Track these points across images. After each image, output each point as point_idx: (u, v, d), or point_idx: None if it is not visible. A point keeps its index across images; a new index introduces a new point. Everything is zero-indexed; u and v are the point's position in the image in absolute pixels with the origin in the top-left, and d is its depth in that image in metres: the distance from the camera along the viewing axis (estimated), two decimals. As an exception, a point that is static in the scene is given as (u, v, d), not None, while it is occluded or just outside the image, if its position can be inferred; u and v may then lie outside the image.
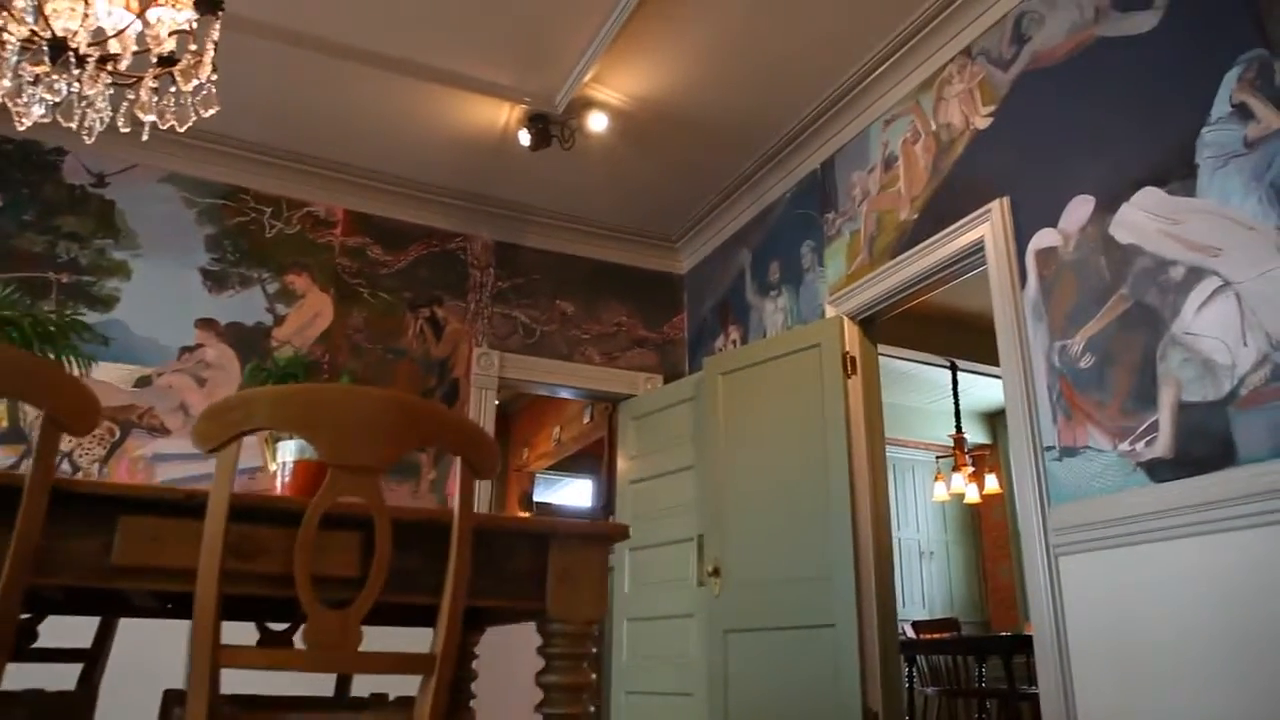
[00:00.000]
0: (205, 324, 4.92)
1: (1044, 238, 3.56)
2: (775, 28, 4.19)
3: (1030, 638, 5.95)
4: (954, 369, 6.75)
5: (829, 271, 4.74)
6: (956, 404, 6.82)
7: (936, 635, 6.16)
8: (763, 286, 5.29)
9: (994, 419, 8.69)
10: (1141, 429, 3.09)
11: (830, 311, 4.64)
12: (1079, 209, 3.43)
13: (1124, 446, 3.13)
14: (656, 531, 5.29)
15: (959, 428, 6.80)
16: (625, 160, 5.16)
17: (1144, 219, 3.18)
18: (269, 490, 2.15)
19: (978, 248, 3.86)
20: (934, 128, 4.19)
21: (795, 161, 5.06)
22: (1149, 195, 3.17)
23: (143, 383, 4.69)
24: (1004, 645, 5.91)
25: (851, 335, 4.52)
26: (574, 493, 9.43)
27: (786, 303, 5.06)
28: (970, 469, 6.70)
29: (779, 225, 5.23)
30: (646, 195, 5.57)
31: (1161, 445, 3.01)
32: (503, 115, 4.83)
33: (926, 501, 8.44)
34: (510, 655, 4.28)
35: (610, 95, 4.67)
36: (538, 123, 4.77)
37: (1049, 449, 3.39)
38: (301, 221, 5.27)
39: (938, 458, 7.72)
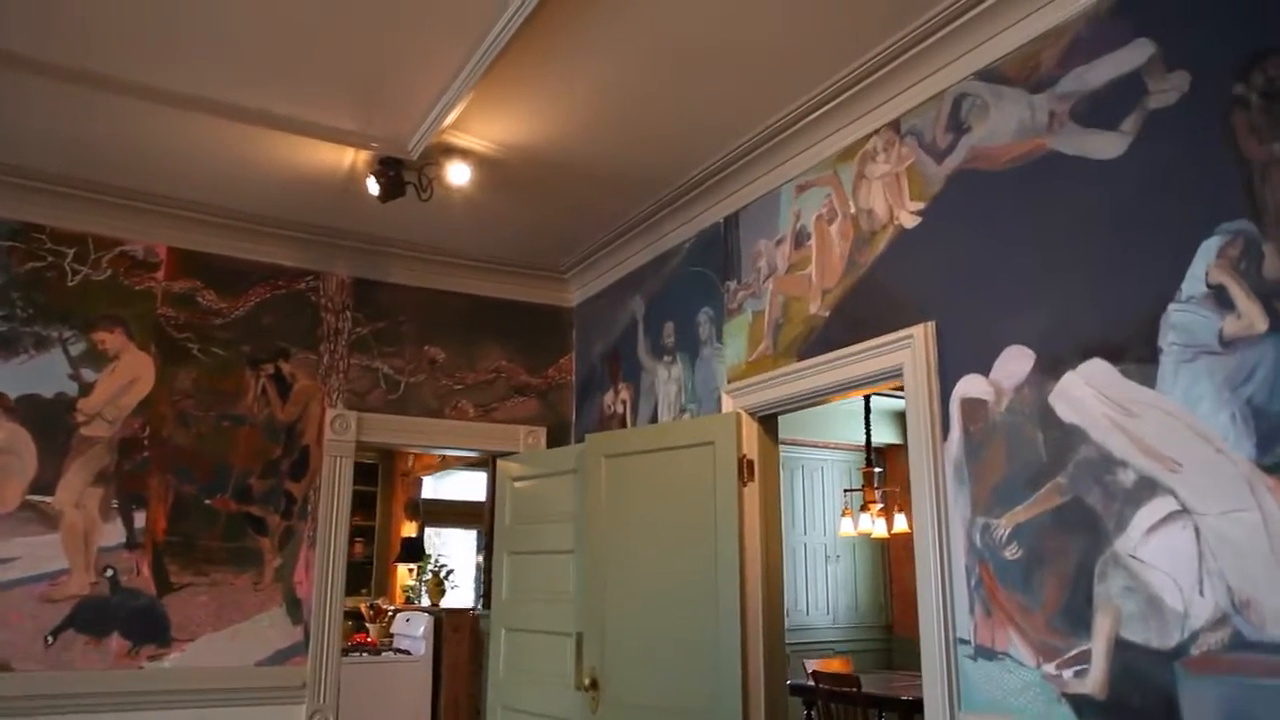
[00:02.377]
0: (-11, 399, 4.12)
1: (972, 385, 3.00)
2: (675, 80, 3.46)
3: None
4: (866, 401, 6.29)
5: (728, 351, 4.14)
6: (868, 437, 6.37)
7: (837, 689, 5.84)
8: (656, 348, 4.66)
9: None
10: (1071, 654, 2.61)
11: (728, 403, 4.06)
12: (1015, 362, 2.87)
13: (1049, 668, 2.66)
14: (534, 615, 4.76)
15: (869, 461, 6.37)
16: (499, 201, 4.41)
17: (1091, 398, 2.63)
18: None
19: (895, 373, 3.30)
20: (853, 210, 3.56)
21: (696, 210, 4.38)
22: (1099, 370, 2.62)
23: (-91, 478, 3.91)
24: (905, 707, 5.62)
25: (749, 434, 3.94)
26: (465, 485, 8.86)
27: (681, 374, 4.45)
28: (879, 506, 6.29)
29: (675, 280, 4.58)
30: (527, 231, 4.84)
31: (1093, 681, 2.54)
32: (348, 157, 4.04)
33: (833, 504, 8.08)
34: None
35: (475, 142, 3.90)
36: (389, 168, 3.99)
37: (963, 642, 2.91)
38: (114, 264, 4.43)
39: (846, 490, 7.31)
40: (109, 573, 4.18)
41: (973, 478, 2.95)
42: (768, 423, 4.01)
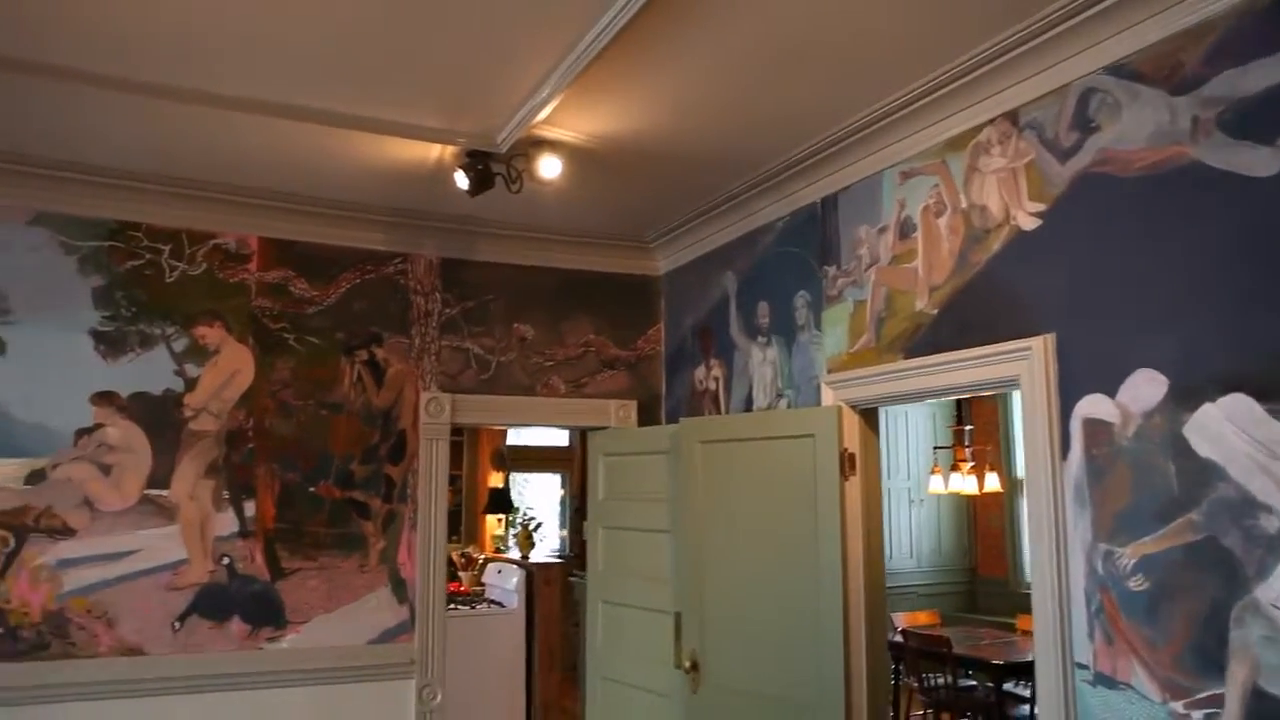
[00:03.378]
0: (103, 398, 4.22)
1: (1095, 406, 2.88)
2: (777, 70, 3.28)
3: (1023, 663, 5.68)
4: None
5: (827, 340, 4.03)
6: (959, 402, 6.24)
7: (927, 648, 5.88)
8: (750, 328, 4.57)
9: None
10: (1202, 695, 2.54)
11: (828, 394, 3.98)
12: (1145, 387, 2.73)
13: (1177, 706, 2.60)
14: (630, 591, 4.83)
15: (959, 419, 6.24)
16: (587, 184, 4.31)
17: (1232, 434, 2.50)
18: None
19: (1010, 384, 3.19)
20: (964, 204, 3.39)
21: (791, 188, 4.23)
22: (1242, 406, 2.48)
23: (35, 478, 4.06)
24: (997, 671, 5.63)
25: (851, 427, 3.87)
26: (548, 431, 8.95)
27: (777, 357, 4.36)
28: (970, 464, 6.19)
29: (768, 259, 4.46)
30: (613, 208, 4.74)
31: (1226, 726, 2.49)
32: (435, 150, 3.96)
33: (917, 448, 7.99)
34: None
35: (566, 134, 3.79)
36: (477, 161, 3.90)
37: (1081, 666, 2.87)
38: (208, 258, 4.47)
39: (935, 448, 7.19)
40: (225, 561, 4.34)
41: (1094, 502, 2.85)
42: (869, 415, 3.93)
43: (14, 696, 3.97)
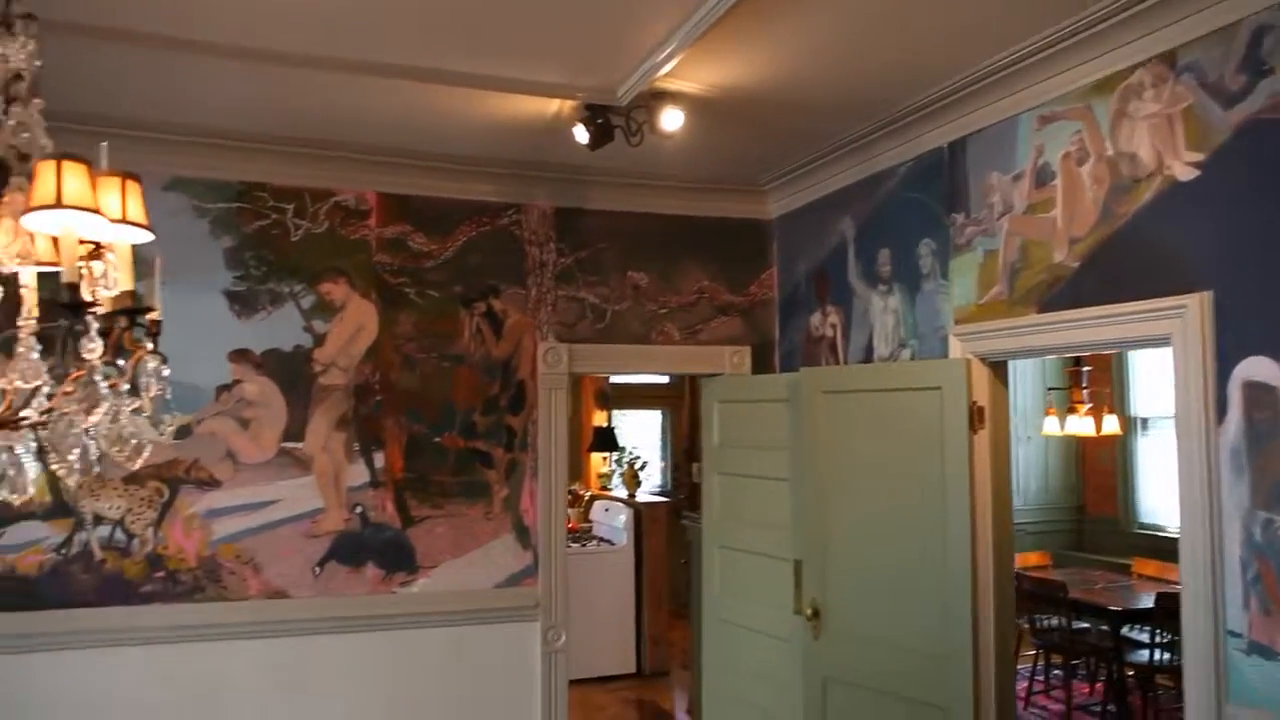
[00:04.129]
0: (240, 356, 4.39)
1: (1257, 368, 2.75)
2: (908, 12, 3.15)
3: (1144, 611, 5.59)
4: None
5: (955, 290, 3.93)
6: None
7: (1040, 589, 5.81)
8: (869, 274, 4.48)
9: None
10: (1371, 671, 2.48)
11: (955, 346, 3.89)
12: (1315, 351, 2.60)
13: (1343, 680, 2.54)
14: (747, 537, 4.87)
15: (1077, 360, 6.05)
16: (704, 132, 4.22)
17: None
18: None
19: (1160, 341, 3.07)
20: (1110, 152, 3.23)
21: (916, 132, 4.08)
22: None
23: (183, 433, 4.25)
24: (1113, 618, 5.55)
25: (980, 380, 3.79)
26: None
27: (899, 306, 4.28)
28: (1087, 406, 6.00)
29: (890, 204, 4.34)
30: (728, 154, 4.65)
31: (1399, 704, 2.42)
32: (554, 104, 3.93)
33: (1024, 387, 7.78)
34: None
35: (687, 86, 3.71)
36: (597, 115, 3.86)
37: (1234, 634, 2.80)
38: (330, 216, 4.55)
39: (1050, 389, 6.98)
40: (358, 509, 4.52)
41: (1254, 468, 2.75)
42: (998, 368, 3.84)
43: (176, 634, 4.24)
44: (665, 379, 8.49)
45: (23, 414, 1.75)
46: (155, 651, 4.23)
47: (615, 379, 8.86)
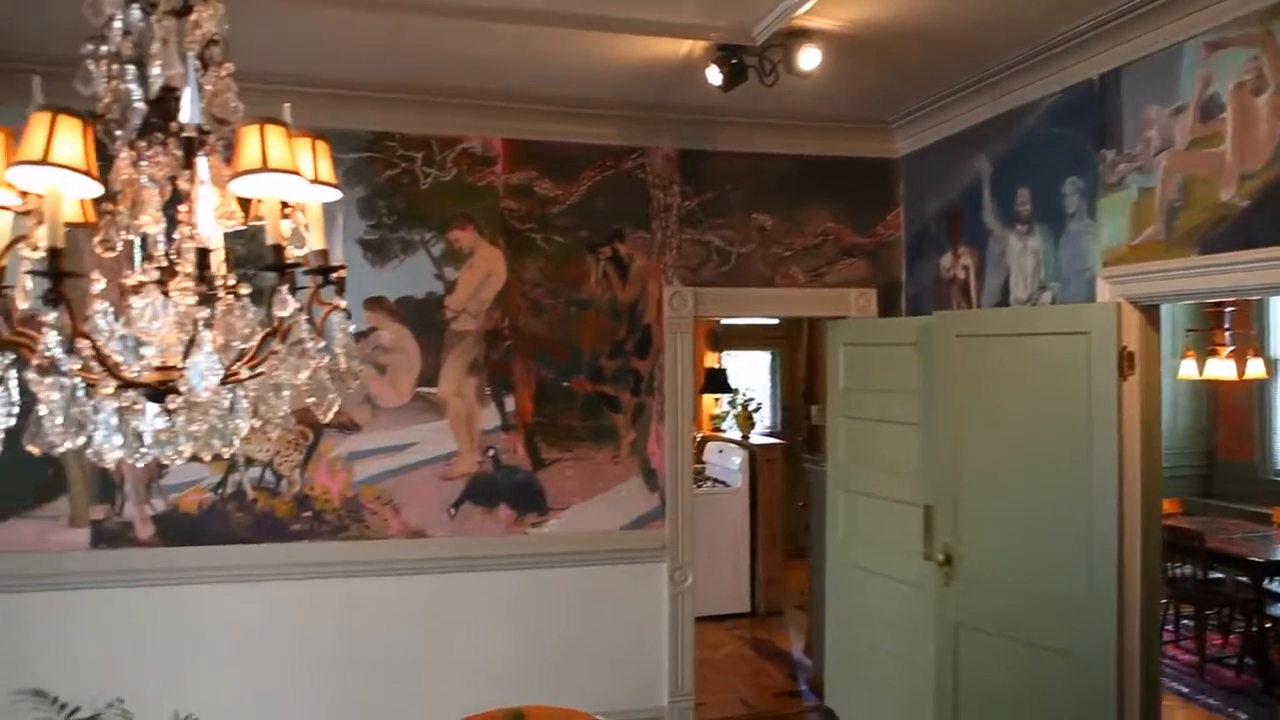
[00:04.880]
0: (375, 303, 4.50)
1: None
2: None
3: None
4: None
5: (1103, 230, 3.77)
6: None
7: (1176, 538, 5.63)
8: (1007, 215, 4.32)
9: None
10: None
11: (1104, 289, 3.74)
12: None
13: None
14: (874, 482, 4.84)
15: (1219, 300, 5.76)
16: (835, 69, 4.10)
17: None
18: None
19: (1343, 285, 2.90)
20: (1290, 81, 3.02)
21: (1062, 64, 3.89)
22: None
23: (324, 378, 4.41)
24: (1256, 568, 5.35)
25: (1131, 325, 3.64)
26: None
27: (1040, 247, 4.12)
28: (1229, 348, 5.72)
29: (1031, 141, 4.16)
30: (856, 91, 4.51)
31: None
32: (685, 45, 3.86)
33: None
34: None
35: (824, 23, 3.60)
36: (730, 55, 3.79)
37: None
38: (457, 163, 4.59)
39: (1188, 330, 6.66)
40: (491, 452, 4.63)
41: None
42: (1150, 312, 3.69)
43: (322, 570, 4.45)
44: (775, 320, 8.41)
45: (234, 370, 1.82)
46: (306, 586, 4.45)
47: (725, 321, 8.81)
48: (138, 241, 1.92)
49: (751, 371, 9.49)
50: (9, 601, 4.21)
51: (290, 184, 1.75)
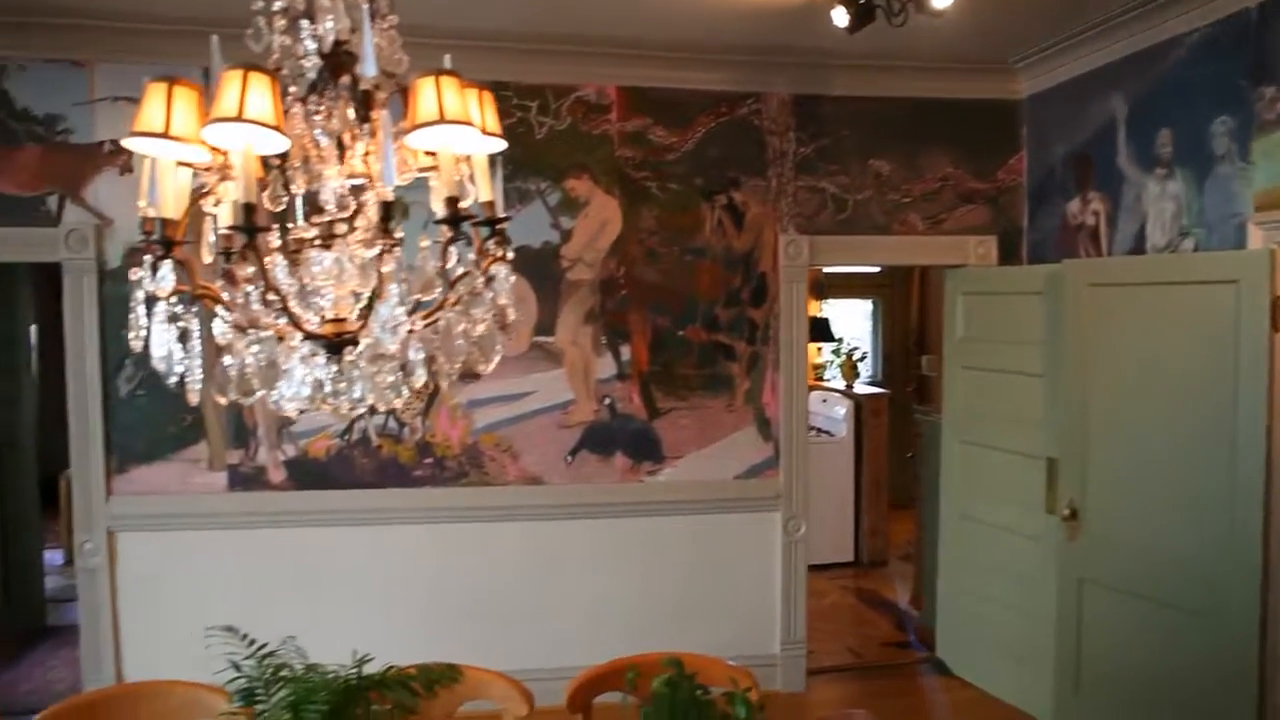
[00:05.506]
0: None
1: None
2: None
3: None
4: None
5: (1258, 174, 3.57)
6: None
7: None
8: (1144, 158, 4.13)
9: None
10: None
11: (1257, 237, 3.56)
12: None
13: None
14: (992, 433, 4.75)
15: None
16: (960, 7, 3.93)
17: None
18: None
19: None
20: None
21: (1214, -7, 3.67)
22: None
23: (444, 327, 4.49)
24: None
25: (1287, 273, 3.47)
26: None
27: (1181, 191, 3.93)
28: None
29: (1174, 78, 3.95)
30: (981, 28, 4.31)
31: None
32: (809, -15, 3.75)
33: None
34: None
35: (961, -43, 3.46)
36: (858, -6, 3.66)
37: None
38: (572, 111, 4.57)
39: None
40: (607, 401, 4.67)
41: None
42: (1309, 259, 3.50)
43: (443, 515, 4.57)
44: (877, 268, 8.25)
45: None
46: (428, 530, 4.58)
47: (828, 269, 8.66)
48: (300, 196, 1.97)
49: (853, 320, 9.35)
50: (156, 539, 4.44)
51: (465, 135, 1.76)
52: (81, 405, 4.35)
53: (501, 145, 2.00)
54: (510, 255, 2.01)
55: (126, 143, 1.71)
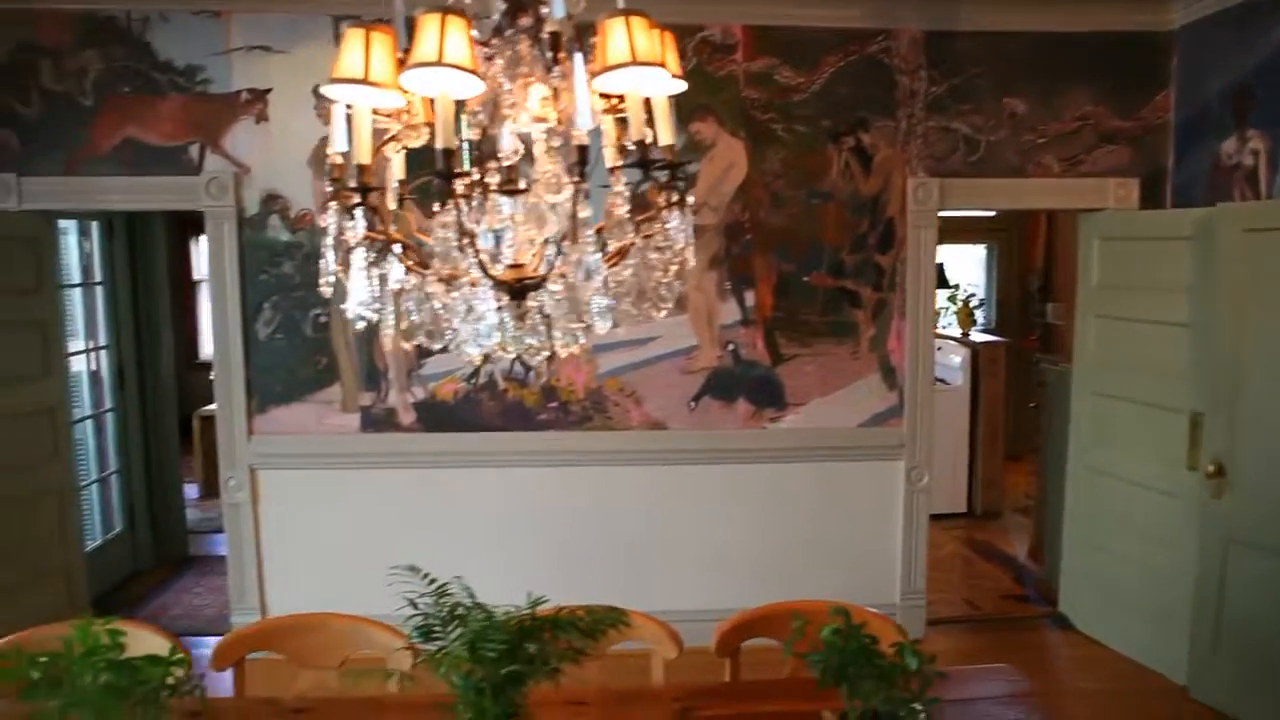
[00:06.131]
0: (617, 198, 4.52)
1: None
2: None
3: None
4: None
5: None
6: None
7: None
8: (1316, 92, 3.87)
9: None
10: None
11: None
12: None
13: None
14: (1128, 385, 4.57)
15: None
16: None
17: None
18: None
19: None
20: None
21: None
22: None
23: (568, 273, 4.51)
24: None
25: None
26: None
27: (1358, 128, 3.68)
28: None
29: (1358, 4, 3.67)
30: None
31: None
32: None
33: None
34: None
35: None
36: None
37: None
38: (697, 52, 4.49)
39: None
40: (730, 347, 4.64)
41: None
42: None
43: (567, 459, 4.64)
44: (993, 212, 7.97)
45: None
46: (551, 473, 4.66)
47: (942, 213, 8.40)
48: (468, 140, 1.97)
49: (966, 266, 9.08)
50: (293, 477, 4.62)
51: (656, 77, 1.73)
52: (224, 348, 4.52)
53: (683, 86, 1.97)
54: (691, 200, 1.97)
55: (325, 89, 1.72)
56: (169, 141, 4.42)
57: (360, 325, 1.88)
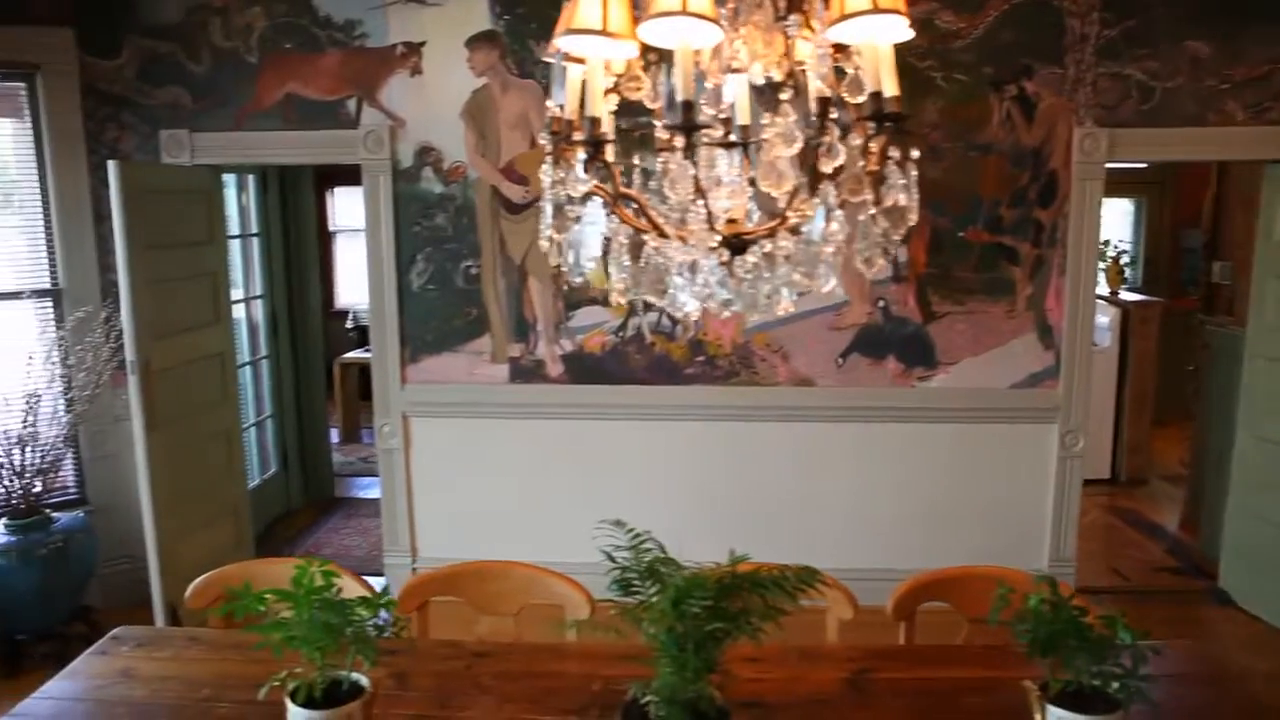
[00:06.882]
0: (768, 150, 4.43)
1: None
2: None
3: None
4: None
5: None
6: None
7: None
8: None
9: None
10: None
11: None
12: None
13: None
14: (1313, 348, 4.31)
15: None
16: None
17: None
18: None
19: None
20: None
21: None
22: None
23: (717, 226, 4.46)
24: None
25: None
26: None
27: None
28: None
29: None
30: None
31: None
32: None
33: None
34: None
35: None
36: None
37: None
38: (857, -3, 4.33)
39: None
40: (881, 304, 4.54)
41: None
42: None
43: (714, 414, 4.64)
44: (1143, 164, 7.56)
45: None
46: (697, 427, 4.67)
47: (1109, 164, 8.00)
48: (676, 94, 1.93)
49: (1111, 220, 8.68)
50: (444, 425, 4.74)
51: (895, 25, 1.66)
52: (379, 298, 4.64)
53: (909, 35, 1.89)
54: (915, 154, 1.90)
55: (559, 42, 1.70)
56: (328, 96, 4.52)
57: (579, 280, 1.88)
